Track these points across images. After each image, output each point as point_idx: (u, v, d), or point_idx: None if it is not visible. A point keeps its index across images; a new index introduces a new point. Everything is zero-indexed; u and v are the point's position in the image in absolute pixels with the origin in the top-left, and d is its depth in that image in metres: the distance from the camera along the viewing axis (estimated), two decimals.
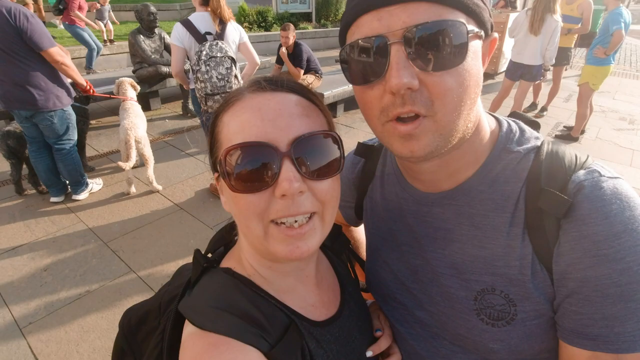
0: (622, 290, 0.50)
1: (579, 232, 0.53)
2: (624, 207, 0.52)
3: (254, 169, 0.52)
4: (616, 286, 0.50)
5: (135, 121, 3.56)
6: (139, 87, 4.08)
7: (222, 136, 0.56)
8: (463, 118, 0.54)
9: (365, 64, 0.53)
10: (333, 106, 5.70)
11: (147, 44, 5.27)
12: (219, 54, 2.93)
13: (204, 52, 2.91)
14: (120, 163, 3.38)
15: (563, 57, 5.54)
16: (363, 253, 0.99)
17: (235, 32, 3.20)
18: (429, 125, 0.52)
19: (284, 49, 5.21)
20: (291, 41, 5.14)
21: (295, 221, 0.53)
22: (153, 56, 5.32)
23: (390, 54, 0.50)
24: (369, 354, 0.69)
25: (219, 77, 2.94)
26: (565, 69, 5.98)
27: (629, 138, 5.36)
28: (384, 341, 0.73)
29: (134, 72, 5.39)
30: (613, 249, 0.50)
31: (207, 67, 2.91)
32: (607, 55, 4.53)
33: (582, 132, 5.25)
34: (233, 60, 3.03)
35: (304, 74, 5.37)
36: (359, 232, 1.06)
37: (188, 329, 0.55)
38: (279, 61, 5.46)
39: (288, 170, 0.51)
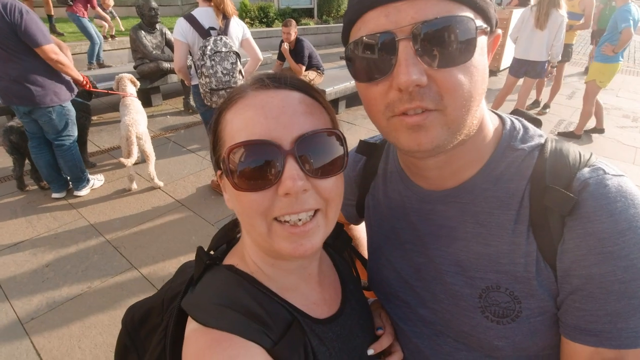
0: (626, 287, 0.50)
1: (584, 229, 0.53)
2: (628, 204, 0.52)
3: (257, 167, 0.51)
4: (620, 283, 0.50)
5: (136, 117, 3.55)
6: (138, 83, 4.07)
7: (225, 134, 0.56)
8: (471, 114, 0.54)
9: (371, 61, 0.53)
10: (335, 103, 5.68)
11: (149, 40, 5.25)
12: (223, 49, 2.92)
13: (209, 47, 2.89)
14: (121, 159, 3.38)
15: (564, 54, 5.51)
16: (364, 251, 0.98)
17: (238, 28, 3.19)
18: (438, 117, 0.52)
19: (285, 45, 5.19)
20: (293, 37, 5.12)
21: (299, 219, 0.53)
22: (154, 52, 5.30)
23: (398, 50, 0.50)
24: (370, 352, 0.69)
25: (224, 72, 2.94)
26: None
27: (632, 136, 5.33)
28: (385, 339, 0.73)
29: (135, 67, 5.38)
30: (618, 246, 0.51)
31: (212, 62, 2.90)
32: (616, 52, 4.48)
33: (602, 131, 5.14)
34: (238, 55, 3.02)
35: (306, 70, 5.36)
36: (360, 231, 1.06)
37: (191, 325, 0.56)
38: (281, 57, 5.44)
39: (292, 168, 0.51)
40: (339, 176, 0.57)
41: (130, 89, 3.91)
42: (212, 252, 0.69)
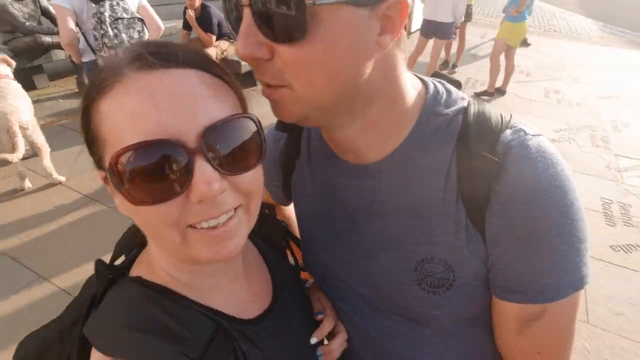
0: (549, 246, 0.52)
1: (509, 193, 0.53)
2: (547, 164, 0.53)
3: (157, 174, 0.41)
4: (544, 242, 0.52)
5: (16, 103, 2.99)
6: (13, 62, 3.40)
7: (105, 132, 0.44)
8: (327, 92, 0.49)
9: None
10: (251, 74, 5.40)
11: (17, 9, 4.38)
12: (125, 15, 2.54)
13: (107, 14, 2.49)
14: (5, 155, 2.85)
15: (465, 14, 5.89)
16: (296, 231, 0.94)
17: None
18: (287, 94, 0.50)
19: (191, 12, 4.72)
20: (197, 4, 4.67)
21: (219, 223, 0.46)
22: (28, 23, 4.46)
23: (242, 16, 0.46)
24: (314, 340, 0.66)
25: (132, 41, 2.57)
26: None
27: (526, 90, 6.02)
28: (327, 324, 0.70)
29: (5, 43, 4.49)
30: (540, 206, 0.52)
31: (116, 31, 2.51)
32: (520, 12, 5.03)
33: (492, 94, 5.61)
34: (143, 22, 2.67)
35: (217, 40, 4.97)
36: (291, 211, 1.01)
37: (95, 355, 0.46)
38: (187, 26, 4.96)
39: (203, 170, 0.42)
40: (258, 167, 0.50)
41: (4, 69, 3.25)
42: (117, 263, 0.59)
